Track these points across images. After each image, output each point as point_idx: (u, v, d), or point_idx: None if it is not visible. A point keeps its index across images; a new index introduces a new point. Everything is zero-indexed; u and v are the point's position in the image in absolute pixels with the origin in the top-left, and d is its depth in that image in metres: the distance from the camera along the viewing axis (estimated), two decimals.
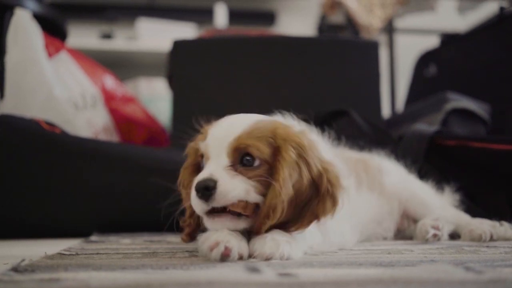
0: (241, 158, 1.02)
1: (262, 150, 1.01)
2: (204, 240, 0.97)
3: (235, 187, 0.99)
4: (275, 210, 0.99)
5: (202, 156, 1.07)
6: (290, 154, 1.01)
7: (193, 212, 1.10)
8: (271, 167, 1.02)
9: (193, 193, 1.00)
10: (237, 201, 0.99)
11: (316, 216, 1.03)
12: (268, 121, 1.06)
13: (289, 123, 1.10)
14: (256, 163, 1.02)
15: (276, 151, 1.02)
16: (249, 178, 1.01)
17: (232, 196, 0.99)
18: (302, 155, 1.02)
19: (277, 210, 0.99)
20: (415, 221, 1.45)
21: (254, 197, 1.01)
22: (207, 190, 0.97)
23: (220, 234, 0.97)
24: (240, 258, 0.96)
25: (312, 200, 1.03)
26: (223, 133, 1.03)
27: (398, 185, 1.43)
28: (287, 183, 0.99)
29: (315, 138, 1.13)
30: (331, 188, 1.03)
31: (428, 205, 1.43)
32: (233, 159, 1.01)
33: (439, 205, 1.44)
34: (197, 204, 1.01)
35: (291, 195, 1.00)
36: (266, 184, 1.02)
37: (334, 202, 1.03)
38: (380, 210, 1.37)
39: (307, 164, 1.02)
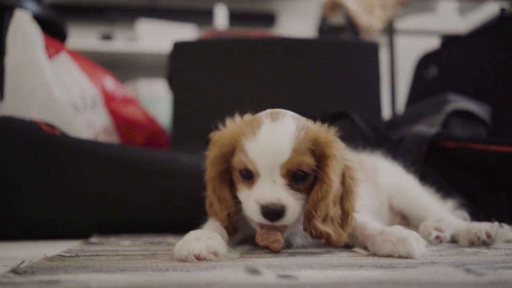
0: (293, 175, 1.07)
1: (311, 164, 1.08)
2: (179, 250, 1.00)
3: (297, 210, 1.08)
4: (320, 210, 1.08)
5: (242, 169, 1.10)
6: (335, 161, 1.09)
7: (231, 218, 1.14)
8: (315, 170, 1.09)
9: (255, 207, 1.06)
10: None
11: (349, 214, 1.13)
12: (306, 129, 1.10)
13: (317, 126, 1.16)
14: (307, 176, 1.09)
15: (318, 155, 1.09)
16: (301, 191, 1.09)
17: (295, 218, 1.08)
18: (339, 160, 1.11)
19: (322, 209, 1.08)
20: (407, 219, 1.46)
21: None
22: (277, 215, 1.05)
23: (194, 246, 0.99)
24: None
25: (342, 197, 1.13)
26: (271, 152, 1.06)
27: (392, 185, 1.44)
28: (334, 188, 1.09)
29: None
30: (352, 184, 1.13)
31: (423, 207, 1.43)
32: (288, 178, 1.07)
33: (435, 208, 1.44)
34: (258, 218, 1.07)
35: (334, 194, 1.10)
36: (312, 187, 1.10)
37: (356, 196, 1.14)
38: (375, 201, 1.38)
39: (340, 166, 1.12)
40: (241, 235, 1.23)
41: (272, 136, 1.07)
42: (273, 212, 1.04)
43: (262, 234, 1.10)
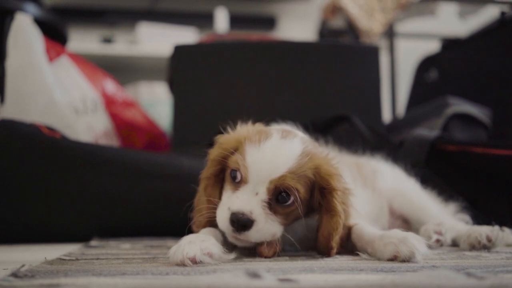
0: (278, 194, 1.06)
1: (301, 192, 1.07)
2: (173, 254, 1.00)
3: (266, 232, 1.06)
4: (334, 240, 1.09)
5: (234, 169, 1.09)
6: (340, 193, 1.10)
7: (206, 214, 1.13)
8: (305, 201, 1.09)
9: (225, 214, 1.05)
10: None
11: (350, 228, 1.16)
12: (310, 156, 1.09)
13: (320, 152, 1.15)
14: (290, 201, 1.07)
15: (320, 187, 1.10)
16: (280, 214, 1.07)
17: (260, 238, 1.07)
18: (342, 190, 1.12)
19: (336, 239, 1.09)
20: (407, 223, 1.46)
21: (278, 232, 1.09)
22: (243, 226, 1.03)
23: (188, 249, 0.99)
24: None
25: None
26: (268, 164, 1.05)
27: (391, 188, 1.44)
28: (343, 218, 1.09)
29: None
30: (349, 205, 1.13)
31: (424, 210, 1.43)
32: (271, 195, 1.06)
33: (436, 211, 1.44)
34: (225, 226, 1.06)
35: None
36: (292, 215, 1.09)
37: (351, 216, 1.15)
38: (373, 206, 1.37)
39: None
40: None
41: (274, 150, 1.06)
42: (239, 222, 1.03)
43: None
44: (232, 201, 1.06)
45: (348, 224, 1.14)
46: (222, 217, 1.06)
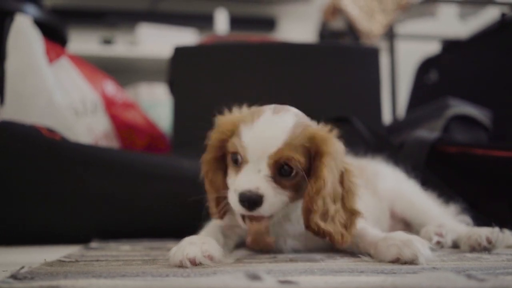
0: (280, 168, 1.07)
1: (301, 162, 1.07)
2: (173, 255, 1.01)
3: (276, 202, 1.07)
4: (317, 203, 1.06)
5: (233, 152, 1.11)
6: (330, 158, 1.08)
7: (220, 203, 1.15)
8: (305, 170, 1.08)
9: (234, 196, 1.06)
10: None
11: (353, 213, 1.11)
12: (304, 126, 1.10)
13: (315, 125, 1.15)
14: (294, 172, 1.08)
15: (313, 154, 1.09)
16: (287, 188, 1.08)
17: (274, 210, 1.07)
18: (336, 158, 1.10)
19: (319, 204, 1.06)
20: (408, 225, 1.45)
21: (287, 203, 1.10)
22: (253, 203, 1.04)
23: (189, 250, 0.99)
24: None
25: (343, 197, 1.12)
26: (263, 140, 1.07)
27: (392, 190, 1.44)
28: (328, 182, 1.06)
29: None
30: (352, 186, 1.12)
31: (425, 212, 1.43)
32: (273, 170, 1.07)
33: (437, 213, 1.44)
34: (237, 207, 1.07)
35: (330, 192, 1.07)
36: (299, 187, 1.10)
37: (357, 198, 1.13)
38: (375, 208, 1.37)
39: (337, 165, 1.10)
40: (238, 239, 1.24)
41: (268, 126, 1.08)
42: (249, 200, 1.04)
43: (252, 241, 1.14)
44: (237, 183, 1.07)
45: (353, 208, 1.12)
46: (233, 200, 1.07)
